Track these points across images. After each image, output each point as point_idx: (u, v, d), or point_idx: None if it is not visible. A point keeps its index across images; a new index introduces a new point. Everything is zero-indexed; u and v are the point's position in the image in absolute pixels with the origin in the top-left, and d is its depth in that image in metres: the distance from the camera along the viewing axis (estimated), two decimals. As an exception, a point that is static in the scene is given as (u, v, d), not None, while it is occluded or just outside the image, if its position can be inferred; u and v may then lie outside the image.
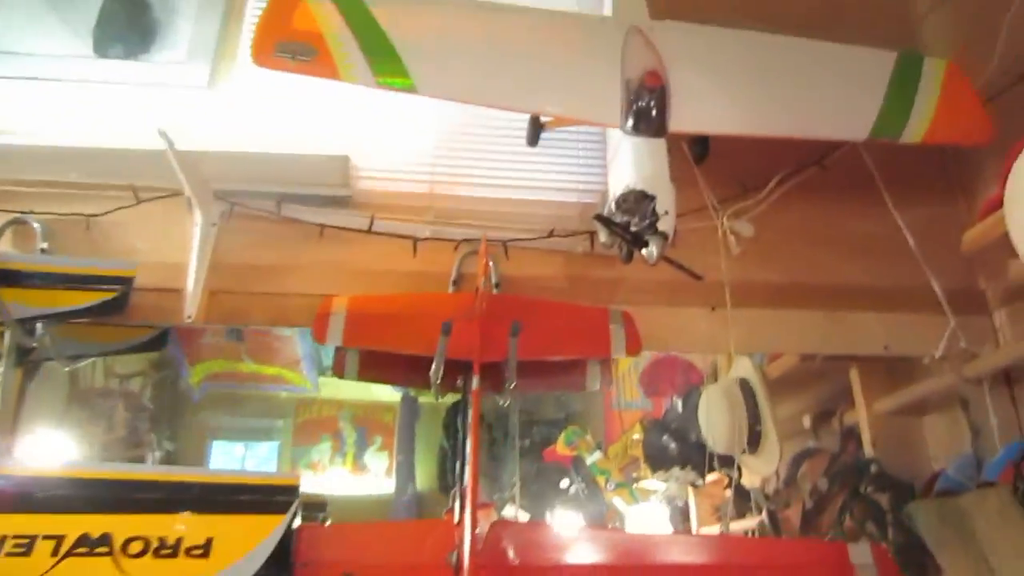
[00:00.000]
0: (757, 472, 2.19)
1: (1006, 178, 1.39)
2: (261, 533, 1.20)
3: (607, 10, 1.81)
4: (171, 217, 1.68)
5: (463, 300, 1.51)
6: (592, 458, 4.09)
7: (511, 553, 1.25)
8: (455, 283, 1.60)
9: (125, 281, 1.50)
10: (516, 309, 1.45)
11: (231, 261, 1.66)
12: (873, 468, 1.89)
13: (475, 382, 1.36)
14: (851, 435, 2.19)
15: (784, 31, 1.72)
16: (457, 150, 1.79)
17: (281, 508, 1.23)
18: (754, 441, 2.13)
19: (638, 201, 1.39)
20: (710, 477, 2.69)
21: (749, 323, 1.67)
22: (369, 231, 1.66)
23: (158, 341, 1.74)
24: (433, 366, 1.38)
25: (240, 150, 1.67)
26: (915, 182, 1.89)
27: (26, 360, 1.66)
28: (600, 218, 1.38)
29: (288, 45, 1.45)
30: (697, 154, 1.80)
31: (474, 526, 1.21)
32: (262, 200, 1.67)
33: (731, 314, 1.62)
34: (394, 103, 1.80)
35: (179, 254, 1.63)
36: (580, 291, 1.65)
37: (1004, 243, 1.40)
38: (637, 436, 3.65)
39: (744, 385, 2.17)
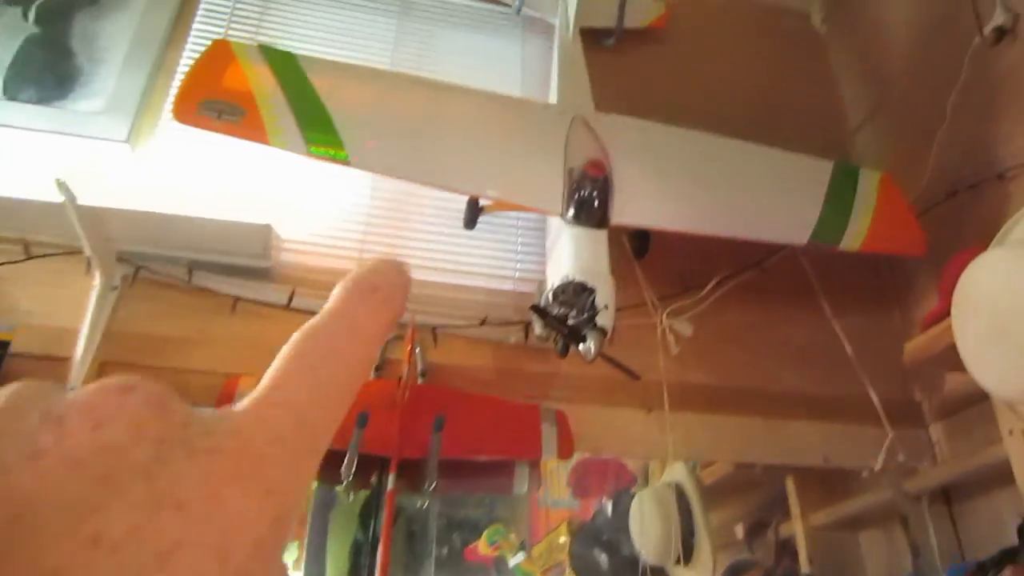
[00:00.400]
0: (688, 585, 2.07)
1: (944, 291, 1.38)
2: None
3: (552, 98, 1.79)
4: (65, 277, 1.53)
5: (384, 388, 1.39)
6: (515, 559, 3.89)
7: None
8: (378, 369, 1.48)
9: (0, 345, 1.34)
10: (441, 402, 1.34)
11: (129, 331, 1.51)
12: (809, 586, 1.80)
13: (391, 481, 1.23)
14: (786, 548, 2.11)
15: (724, 135, 1.73)
16: (389, 227, 1.70)
17: None
18: (687, 551, 2.02)
19: (577, 293, 1.32)
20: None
21: (686, 427, 1.59)
22: (288, 307, 1.54)
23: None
24: (345, 461, 1.25)
25: (153, 211, 1.54)
26: (852, 290, 1.89)
27: None
28: (536, 309, 1.30)
29: (214, 104, 1.36)
30: (637, 249, 1.76)
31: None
32: (172, 266, 1.54)
33: (668, 417, 1.54)
34: (326, 174, 1.72)
35: (70, 318, 1.47)
36: (511, 384, 1.55)
37: (943, 356, 1.37)
38: (564, 539, 3.49)
39: (678, 491, 2.08)
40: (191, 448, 0.25)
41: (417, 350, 1.51)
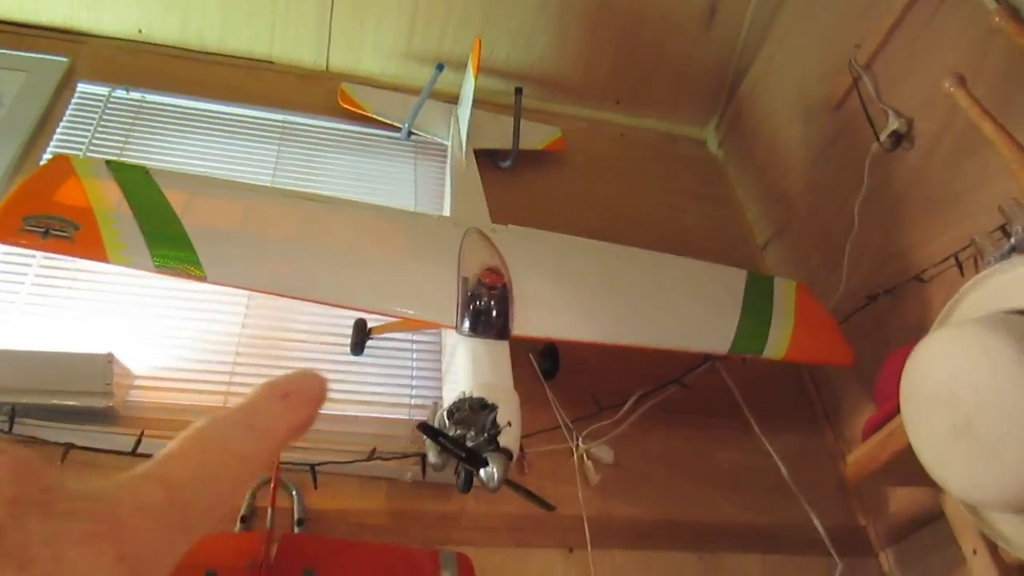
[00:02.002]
0: None
1: (883, 393, 1.26)
2: None
3: (446, 211, 1.68)
4: None
5: (245, 543, 1.13)
6: None
7: None
8: (243, 520, 1.22)
9: None
10: (316, 554, 1.09)
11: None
12: None
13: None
14: None
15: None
16: (264, 355, 1.49)
17: None
18: None
19: (475, 411, 1.14)
20: None
21: (612, 568, 1.37)
22: (134, 454, 1.28)
23: None
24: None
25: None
26: (780, 409, 1.76)
27: None
28: (425, 428, 1.10)
29: (41, 219, 1.18)
30: (546, 370, 1.61)
31: None
32: (-11, 412, 1.28)
33: (592, 556, 1.32)
34: (192, 302, 1.52)
35: None
36: (409, 529, 1.31)
37: (889, 467, 1.22)
38: None
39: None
40: (48, 510, 0.28)
41: (293, 494, 1.27)
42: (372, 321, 1.52)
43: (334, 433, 1.40)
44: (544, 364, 1.60)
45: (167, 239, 1.24)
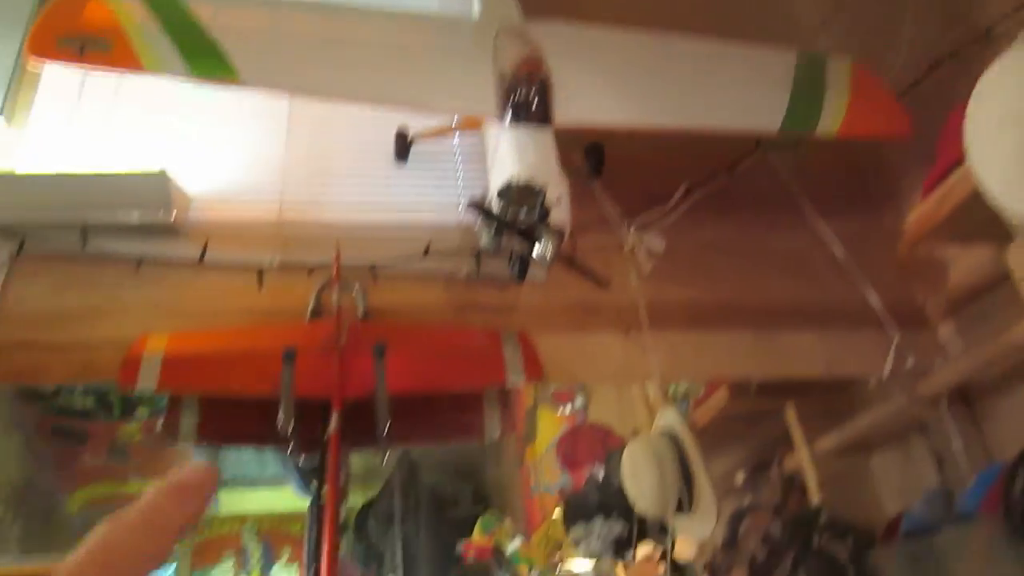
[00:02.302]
0: (692, 535, 1.89)
1: (947, 143, 1.22)
2: None
3: (476, 10, 1.61)
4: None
5: (319, 330, 1.19)
6: (512, 545, 3.71)
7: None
8: (314, 313, 1.29)
9: None
10: (385, 333, 1.14)
11: (24, 309, 1.32)
12: (823, 517, 1.63)
13: (334, 421, 1.04)
14: (792, 485, 1.94)
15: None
16: (314, 167, 1.50)
17: None
18: (686, 501, 1.84)
19: (524, 192, 1.14)
20: (641, 552, 2.38)
21: (669, 347, 1.41)
22: (201, 262, 1.34)
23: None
24: (281, 408, 1.05)
25: (32, 172, 1.34)
26: (835, 194, 1.72)
27: None
28: (477, 206, 1.11)
29: (74, 39, 1.18)
30: (593, 165, 1.59)
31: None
32: (63, 234, 1.34)
33: (649, 336, 1.36)
34: (233, 124, 1.53)
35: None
36: (467, 321, 1.36)
37: (951, 221, 1.21)
38: (557, 514, 3.31)
39: (671, 438, 1.90)
40: None
41: (356, 291, 1.32)
42: (413, 129, 1.51)
43: (389, 238, 1.43)
44: (591, 160, 1.58)
45: (197, 46, 1.23)
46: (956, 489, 1.39)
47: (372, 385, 1.11)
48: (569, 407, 3.64)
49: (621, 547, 2.07)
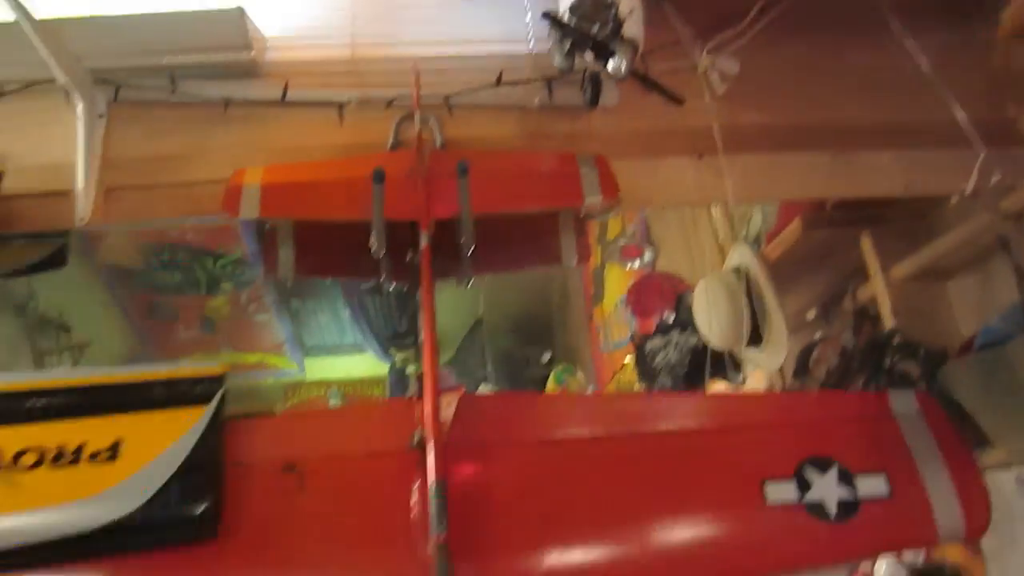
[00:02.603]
0: (763, 367, 1.95)
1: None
2: (178, 429, 1.00)
3: None
4: (46, 114, 1.42)
5: (402, 158, 1.25)
6: (585, 395, 3.88)
7: (482, 427, 1.02)
8: (394, 148, 1.34)
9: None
10: (467, 155, 1.19)
11: (126, 154, 1.40)
12: (896, 339, 1.66)
13: (423, 239, 1.11)
14: (865, 315, 1.96)
15: None
16: (382, 2, 1.51)
17: (201, 399, 1.01)
18: (757, 332, 1.89)
19: (596, 8, 1.13)
20: (711, 389, 2.47)
21: (744, 170, 1.42)
22: (283, 101, 1.39)
23: (58, 256, 1.48)
24: (373, 229, 1.12)
25: (113, 12, 1.39)
26: (921, 6, 1.63)
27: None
28: (551, 18, 1.11)
29: None
30: (665, -14, 1.54)
31: (436, 397, 0.98)
32: (153, 79, 1.40)
33: (724, 159, 1.37)
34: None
35: (63, 153, 1.37)
36: (540, 149, 1.39)
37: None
38: (629, 359, 3.41)
39: (744, 273, 1.92)
40: None
41: (432, 123, 1.36)
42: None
43: (461, 68, 1.44)
44: (662, -19, 1.54)
45: None
46: (1036, 301, 1.39)
47: (457, 206, 1.16)
48: (637, 262, 3.68)
49: (694, 373, 2.15)
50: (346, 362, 7.34)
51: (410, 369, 7.64)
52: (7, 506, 0.93)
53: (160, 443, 0.99)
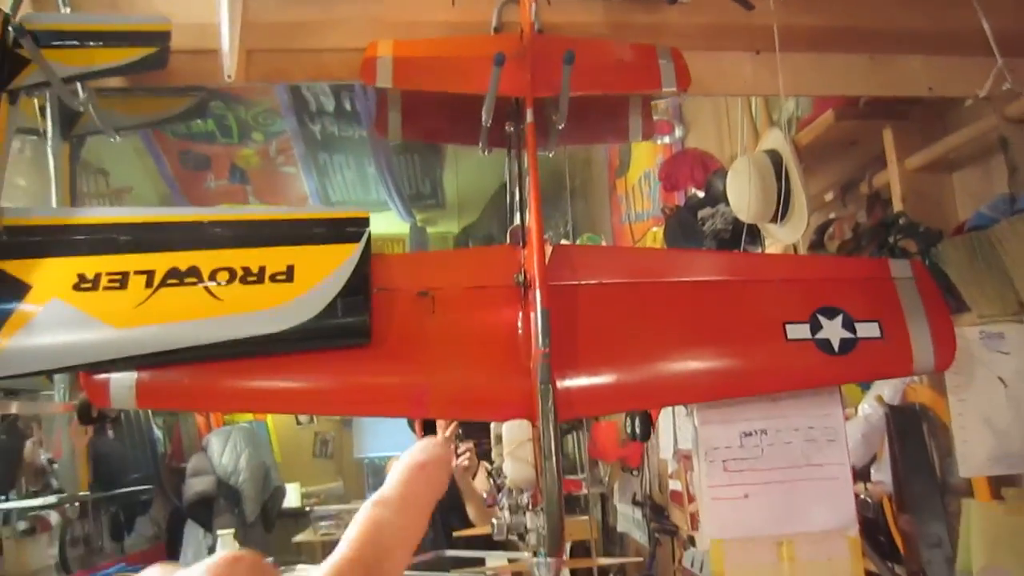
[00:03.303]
0: (782, 240, 2.24)
1: None
2: (338, 260, 1.26)
3: None
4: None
5: (510, 41, 1.48)
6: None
7: (574, 271, 1.32)
8: (496, 31, 1.57)
9: (162, 36, 1.45)
10: (564, 46, 1.42)
11: (263, 20, 1.61)
12: (901, 220, 1.94)
13: (529, 115, 1.37)
14: (878, 199, 2.24)
15: None
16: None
17: (354, 238, 1.29)
18: (781, 212, 2.16)
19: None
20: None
21: (793, 66, 1.65)
22: (401, -19, 1.60)
23: (198, 108, 1.73)
24: (486, 101, 1.38)
25: None
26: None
27: (71, 133, 1.65)
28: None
29: None
30: None
31: (541, 248, 1.27)
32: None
33: (779, 56, 1.59)
34: None
35: (208, 14, 1.58)
36: (623, 38, 1.62)
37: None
38: (657, 230, 3.69)
39: (775, 156, 2.18)
40: None
41: (532, 8, 1.58)
42: None
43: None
44: None
45: None
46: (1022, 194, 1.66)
47: (557, 88, 1.41)
48: (667, 138, 3.89)
49: (734, 236, 2.44)
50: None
51: (431, 229, 7.91)
52: (209, 311, 1.22)
53: (325, 270, 1.26)
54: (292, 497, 6.66)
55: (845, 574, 1.36)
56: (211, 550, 4.99)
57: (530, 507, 1.25)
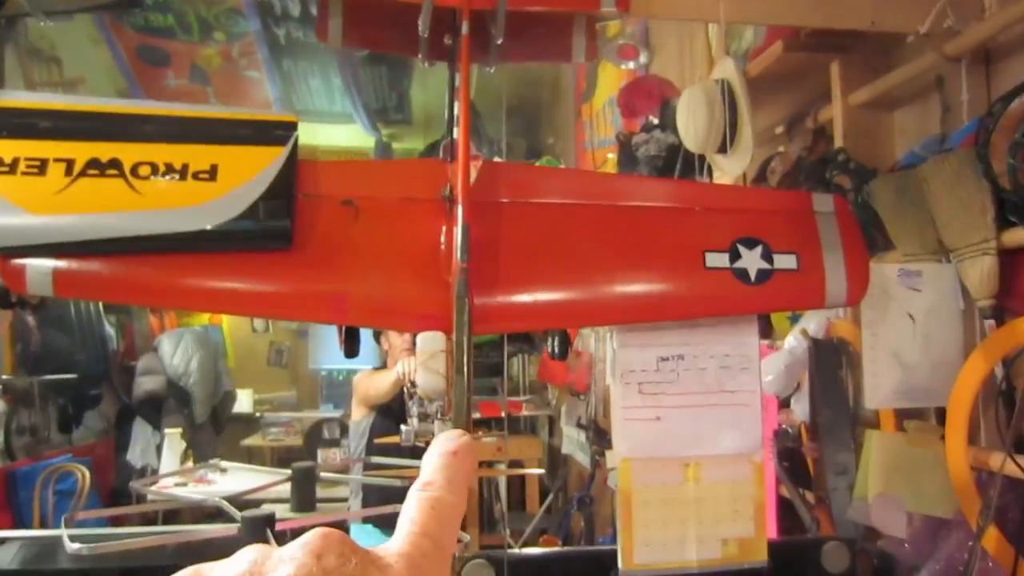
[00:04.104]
0: (727, 171, 2.26)
1: None
2: (263, 162, 1.25)
3: None
4: None
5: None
6: (566, 183, 4.17)
7: (501, 189, 1.32)
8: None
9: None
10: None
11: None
12: (840, 156, 1.96)
13: (465, 28, 1.35)
14: (822, 134, 2.25)
15: None
16: None
17: (281, 140, 1.27)
18: (728, 143, 2.17)
19: None
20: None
21: (740, -8, 1.63)
22: None
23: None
24: (422, 11, 1.35)
25: None
26: None
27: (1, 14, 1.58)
28: None
29: None
30: None
31: (467, 164, 1.26)
32: None
33: (721, -20, 1.57)
34: None
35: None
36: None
37: None
38: (611, 156, 3.69)
39: (725, 86, 2.16)
40: (375, 568, 0.39)
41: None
42: None
43: None
44: None
45: None
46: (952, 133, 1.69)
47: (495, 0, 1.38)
48: (632, 63, 3.84)
49: (666, 168, 2.45)
50: (332, 130, 7.45)
51: (396, 145, 7.79)
52: (129, 205, 1.21)
53: (249, 171, 1.24)
54: (244, 403, 6.75)
55: (747, 496, 1.42)
56: (159, 448, 5.08)
57: (439, 416, 1.29)
